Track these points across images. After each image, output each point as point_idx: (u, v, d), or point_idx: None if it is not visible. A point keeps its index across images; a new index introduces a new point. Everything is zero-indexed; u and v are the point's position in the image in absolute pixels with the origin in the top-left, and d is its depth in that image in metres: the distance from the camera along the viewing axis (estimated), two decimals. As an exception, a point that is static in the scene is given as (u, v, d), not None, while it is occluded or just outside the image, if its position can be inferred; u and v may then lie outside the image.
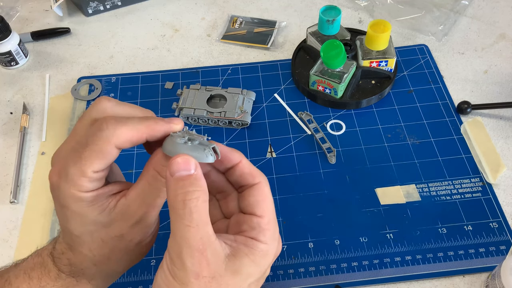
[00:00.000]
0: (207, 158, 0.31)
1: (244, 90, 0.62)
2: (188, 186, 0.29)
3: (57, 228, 0.52)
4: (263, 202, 0.32)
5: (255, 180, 0.33)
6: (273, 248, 0.32)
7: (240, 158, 0.33)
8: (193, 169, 0.30)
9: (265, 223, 0.32)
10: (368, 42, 0.61)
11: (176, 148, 0.31)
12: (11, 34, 0.67)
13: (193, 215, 0.29)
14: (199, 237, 0.29)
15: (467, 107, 0.59)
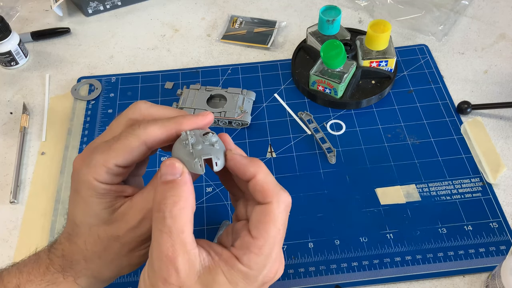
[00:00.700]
0: (194, 168, 0.30)
1: (244, 90, 0.62)
2: (167, 191, 0.29)
3: (57, 228, 0.52)
4: (264, 224, 0.30)
5: (265, 199, 0.31)
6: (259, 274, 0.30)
7: (254, 173, 0.31)
8: (178, 174, 0.30)
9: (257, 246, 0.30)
10: (368, 42, 0.61)
11: (175, 150, 0.31)
12: (11, 34, 0.67)
13: (166, 221, 0.29)
14: (170, 244, 0.28)
15: (467, 107, 0.59)
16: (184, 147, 0.31)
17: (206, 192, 0.54)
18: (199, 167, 0.30)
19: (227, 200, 0.53)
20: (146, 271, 0.30)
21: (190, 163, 0.30)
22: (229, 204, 0.53)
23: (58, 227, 0.52)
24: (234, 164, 0.31)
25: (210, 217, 0.52)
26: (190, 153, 0.30)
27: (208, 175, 0.56)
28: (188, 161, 0.30)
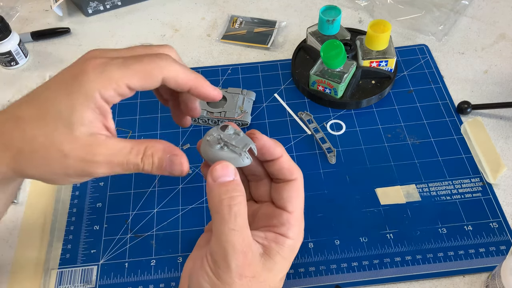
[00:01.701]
0: (243, 162, 0.32)
1: (244, 90, 0.62)
2: (231, 192, 0.31)
3: (57, 228, 0.52)
4: (295, 198, 0.34)
5: (292, 176, 0.34)
6: (299, 242, 0.35)
7: (281, 152, 0.34)
8: (233, 175, 0.32)
9: (294, 219, 0.34)
10: (368, 42, 0.61)
11: (214, 154, 0.32)
12: (11, 34, 0.67)
13: (237, 219, 0.30)
14: (242, 240, 0.30)
15: (467, 107, 0.59)
16: (219, 148, 0.32)
17: (206, 192, 0.54)
18: (247, 159, 0.32)
19: (227, 200, 0.53)
20: (212, 276, 0.31)
21: (237, 159, 0.32)
22: (229, 204, 0.53)
23: (58, 227, 0.52)
24: (264, 144, 0.33)
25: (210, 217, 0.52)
26: (231, 153, 0.32)
27: (208, 175, 0.56)
28: (233, 158, 0.32)
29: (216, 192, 0.31)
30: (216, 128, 0.33)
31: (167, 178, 0.56)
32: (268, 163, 0.35)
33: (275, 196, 0.35)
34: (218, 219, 0.31)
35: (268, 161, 0.35)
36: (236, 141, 0.32)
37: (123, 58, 0.32)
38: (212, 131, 0.33)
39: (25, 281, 0.49)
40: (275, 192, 0.35)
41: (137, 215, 0.53)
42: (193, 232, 0.51)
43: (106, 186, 0.55)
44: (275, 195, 0.35)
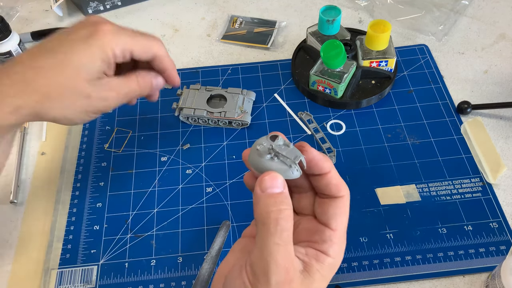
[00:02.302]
0: (293, 174, 0.31)
1: (244, 90, 0.62)
2: (279, 204, 0.30)
3: (57, 228, 0.52)
4: (340, 216, 0.33)
5: (339, 193, 0.33)
6: (339, 261, 0.33)
7: (330, 168, 0.33)
8: (282, 187, 0.31)
9: (337, 237, 0.32)
10: (368, 42, 0.61)
11: (264, 164, 0.31)
12: (11, 34, 0.67)
13: (283, 234, 0.30)
14: (285, 256, 0.30)
15: (467, 107, 0.59)
16: (270, 159, 0.31)
17: (206, 192, 0.54)
18: (297, 172, 0.31)
19: (227, 200, 0.53)
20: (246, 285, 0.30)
21: (287, 171, 0.31)
22: (229, 204, 0.53)
23: (58, 227, 0.52)
24: (313, 158, 0.33)
25: (210, 217, 0.52)
26: (281, 164, 0.31)
27: (208, 175, 0.56)
28: (283, 170, 0.31)
29: (264, 203, 0.30)
30: (266, 138, 0.32)
31: (167, 178, 0.56)
32: (315, 177, 0.34)
33: (319, 211, 0.34)
34: (264, 231, 0.30)
35: (315, 175, 0.34)
36: (286, 152, 0.31)
37: (131, 32, 0.41)
38: (262, 140, 0.32)
39: (25, 281, 0.49)
40: (319, 207, 0.34)
41: (137, 215, 0.53)
42: (193, 232, 0.51)
43: (106, 186, 0.55)
44: (319, 210, 0.34)
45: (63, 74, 0.38)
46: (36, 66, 0.38)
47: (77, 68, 0.38)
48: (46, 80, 0.38)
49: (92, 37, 0.39)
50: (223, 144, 0.59)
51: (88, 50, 0.39)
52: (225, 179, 0.55)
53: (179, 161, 0.57)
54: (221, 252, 0.49)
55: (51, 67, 0.38)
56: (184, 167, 0.57)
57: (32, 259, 0.50)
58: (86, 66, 0.39)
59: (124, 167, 0.57)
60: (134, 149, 0.59)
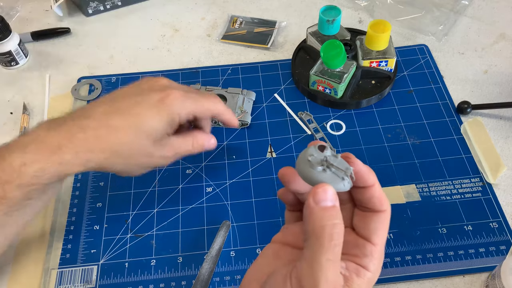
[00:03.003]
0: (344, 187, 0.31)
1: (244, 90, 0.62)
2: (334, 218, 0.30)
3: (57, 228, 0.52)
4: (382, 230, 0.32)
5: (382, 207, 0.32)
6: (377, 276, 0.33)
7: (374, 181, 0.32)
8: (335, 200, 0.30)
9: (378, 252, 0.32)
10: (368, 42, 0.61)
11: (316, 176, 0.30)
12: (11, 34, 0.67)
13: (335, 249, 0.29)
14: (335, 272, 0.29)
15: (467, 107, 0.59)
16: (322, 170, 0.30)
17: (206, 192, 0.54)
18: (348, 184, 0.31)
19: (227, 200, 0.53)
20: None
21: (338, 183, 0.30)
22: (229, 204, 0.53)
23: (58, 227, 0.52)
24: (359, 170, 0.32)
25: (210, 217, 0.52)
26: (333, 176, 0.30)
27: (208, 175, 0.56)
28: (335, 182, 0.30)
29: (318, 217, 0.30)
30: (314, 148, 0.31)
31: (167, 178, 0.56)
32: (358, 189, 0.33)
33: (359, 224, 0.33)
34: (317, 245, 0.29)
35: (358, 188, 0.33)
36: (337, 164, 0.30)
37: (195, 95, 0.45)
38: (311, 151, 0.31)
39: (25, 281, 0.49)
40: (360, 220, 0.33)
41: (137, 215, 0.53)
42: (193, 232, 0.51)
43: (106, 186, 0.55)
44: (360, 224, 0.33)
45: (133, 135, 0.42)
46: (109, 125, 0.41)
47: (146, 131, 0.42)
48: (117, 140, 0.41)
49: (163, 102, 0.43)
50: (223, 144, 0.59)
51: (158, 115, 0.42)
52: (225, 179, 0.55)
53: (179, 161, 0.57)
54: (221, 252, 0.49)
55: (123, 127, 0.41)
56: (184, 167, 0.57)
57: (32, 259, 0.50)
58: (154, 129, 0.42)
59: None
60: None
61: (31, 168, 0.39)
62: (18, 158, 0.39)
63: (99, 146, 0.41)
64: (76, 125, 0.41)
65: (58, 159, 0.39)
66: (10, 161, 0.38)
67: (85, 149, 0.40)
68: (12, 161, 0.38)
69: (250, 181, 0.55)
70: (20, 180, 0.38)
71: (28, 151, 0.39)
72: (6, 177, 0.38)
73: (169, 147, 0.45)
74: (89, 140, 0.40)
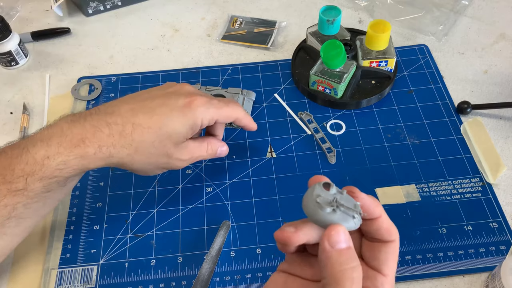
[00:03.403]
0: (355, 225, 0.30)
1: (244, 90, 0.62)
2: (352, 261, 0.29)
3: (57, 228, 0.52)
4: (392, 261, 0.32)
5: (391, 237, 0.32)
6: None
7: (380, 212, 0.32)
8: (349, 241, 0.30)
9: (389, 283, 0.32)
10: (368, 42, 0.61)
11: (326, 217, 0.30)
12: (11, 34, 0.67)
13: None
14: None
15: (467, 107, 0.59)
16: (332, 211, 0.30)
17: (206, 192, 0.54)
18: (358, 222, 0.30)
19: (227, 200, 0.53)
20: None
21: (349, 222, 0.30)
22: (229, 204, 0.53)
23: (58, 227, 0.52)
24: (365, 203, 0.31)
25: (210, 217, 0.52)
26: (343, 216, 0.30)
27: (208, 175, 0.56)
28: (345, 221, 0.30)
29: (337, 261, 0.29)
30: (319, 187, 0.31)
31: (167, 178, 0.56)
32: (365, 221, 0.32)
33: (368, 254, 0.33)
34: None
35: (365, 220, 0.32)
36: (345, 202, 0.30)
37: (217, 101, 0.46)
38: (318, 191, 0.30)
39: (25, 281, 0.49)
40: (368, 251, 0.33)
41: (137, 215, 0.53)
42: (193, 232, 0.51)
43: (106, 186, 0.55)
44: (368, 254, 0.33)
45: (157, 135, 0.42)
46: (134, 123, 0.42)
47: (169, 133, 0.43)
48: (141, 137, 0.42)
49: (188, 107, 0.44)
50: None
51: (182, 118, 0.43)
52: (225, 179, 0.55)
53: (179, 161, 0.57)
54: (221, 252, 0.49)
55: (148, 126, 0.42)
56: (184, 167, 0.57)
57: (32, 259, 0.50)
58: (177, 132, 0.43)
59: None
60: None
61: (54, 161, 0.39)
62: (41, 150, 0.39)
63: (123, 142, 0.41)
64: (102, 119, 0.42)
65: (81, 153, 0.40)
66: (33, 154, 0.39)
67: (108, 144, 0.41)
68: (35, 154, 0.39)
69: (250, 181, 0.55)
70: (43, 173, 0.39)
71: (52, 143, 0.39)
72: (29, 169, 0.39)
73: (187, 150, 0.46)
74: (113, 136, 0.41)
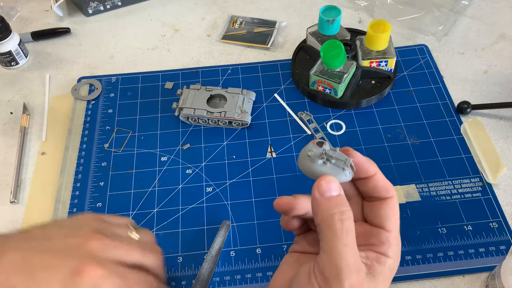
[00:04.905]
0: (346, 177, 0.32)
1: (244, 90, 0.62)
2: (341, 206, 0.30)
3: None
4: (393, 216, 0.33)
5: (388, 194, 0.33)
6: (398, 261, 0.33)
7: (375, 170, 0.33)
8: (339, 189, 0.31)
9: (393, 237, 0.33)
10: (368, 42, 0.61)
11: (317, 169, 0.32)
12: (11, 34, 0.67)
13: (349, 235, 0.29)
14: (355, 257, 0.29)
15: (467, 107, 0.59)
16: (322, 163, 0.31)
17: (206, 192, 0.54)
18: (349, 174, 0.32)
19: (227, 200, 0.53)
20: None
21: (340, 174, 0.31)
22: (229, 204, 0.53)
23: (58, 227, 0.52)
24: (359, 161, 0.32)
25: (210, 217, 0.52)
26: (333, 168, 0.31)
27: (208, 175, 0.56)
28: (336, 173, 0.31)
29: (326, 207, 0.30)
30: (313, 144, 0.32)
31: (167, 178, 0.56)
32: (361, 181, 0.34)
33: (370, 214, 0.34)
34: (329, 234, 0.30)
35: (361, 179, 0.34)
36: (336, 156, 0.31)
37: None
38: (311, 147, 0.32)
39: (25, 281, 0.49)
40: (369, 210, 0.34)
41: (137, 215, 0.53)
42: (193, 232, 0.51)
43: (106, 186, 0.55)
44: (370, 214, 0.34)
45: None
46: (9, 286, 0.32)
47: None
48: None
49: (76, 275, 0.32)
50: (223, 144, 0.59)
51: None
52: (225, 179, 0.55)
53: (179, 161, 0.57)
54: (221, 252, 0.49)
55: None
56: (184, 167, 0.57)
57: (32, 259, 0.50)
58: None
59: (124, 167, 0.57)
60: (134, 149, 0.59)
61: None
62: None
63: None
64: None
65: None
66: None
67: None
68: None
69: (250, 181, 0.55)
70: None
71: None
72: None
73: None
74: None
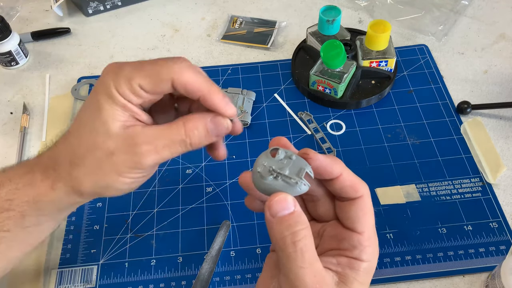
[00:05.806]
0: (300, 190, 0.30)
1: (244, 90, 0.62)
2: (294, 226, 0.28)
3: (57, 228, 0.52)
4: (364, 217, 0.31)
5: (357, 193, 0.31)
6: (375, 262, 0.32)
7: (341, 170, 0.31)
8: (292, 206, 0.29)
9: (366, 239, 0.31)
10: (368, 42, 0.61)
11: (268, 186, 0.30)
12: (11, 34, 0.67)
13: (305, 255, 0.28)
14: (313, 276, 0.28)
15: (467, 107, 0.59)
16: (273, 179, 0.29)
17: (206, 192, 0.54)
18: (304, 186, 0.30)
19: (227, 200, 0.53)
20: None
21: (293, 188, 0.29)
22: (229, 204, 0.53)
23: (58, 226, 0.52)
24: (320, 164, 0.30)
25: (210, 217, 0.52)
26: (285, 183, 0.29)
27: (208, 175, 0.56)
28: (289, 188, 0.29)
29: (277, 229, 0.29)
30: (265, 155, 0.30)
31: (167, 178, 0.56)
32: (328, 182, 0.32)
33: (341, 215, 0.32)
34: (284, 257, 0.28)
35: (326, 181, 0.32)
36: (289, 167, 0.29)
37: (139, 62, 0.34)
38: (262, 160, 0.30)
39: (25, 281, 0.49)
40: (340, 211, 0.32)
41: (137, 215, 0.53)
42: (193, 232, 0.51)
43: (106, 186, 0.55)
44: (341, 214, 0.32)
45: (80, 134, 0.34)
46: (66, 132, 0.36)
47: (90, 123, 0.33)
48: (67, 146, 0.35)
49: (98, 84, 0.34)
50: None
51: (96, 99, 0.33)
52: (225, 179, 0.55)
53: (179, 161, 0.57)
54: (221, 252, 0.49)
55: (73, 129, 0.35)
56: (184, 167, 0.57)
57: (32, 259, 0.50)
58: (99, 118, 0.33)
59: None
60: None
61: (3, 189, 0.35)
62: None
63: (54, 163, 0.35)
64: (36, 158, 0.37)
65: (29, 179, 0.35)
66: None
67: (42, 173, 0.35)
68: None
69: (250, 181, 0.55)
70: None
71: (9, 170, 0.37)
72: None
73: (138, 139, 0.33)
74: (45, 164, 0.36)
